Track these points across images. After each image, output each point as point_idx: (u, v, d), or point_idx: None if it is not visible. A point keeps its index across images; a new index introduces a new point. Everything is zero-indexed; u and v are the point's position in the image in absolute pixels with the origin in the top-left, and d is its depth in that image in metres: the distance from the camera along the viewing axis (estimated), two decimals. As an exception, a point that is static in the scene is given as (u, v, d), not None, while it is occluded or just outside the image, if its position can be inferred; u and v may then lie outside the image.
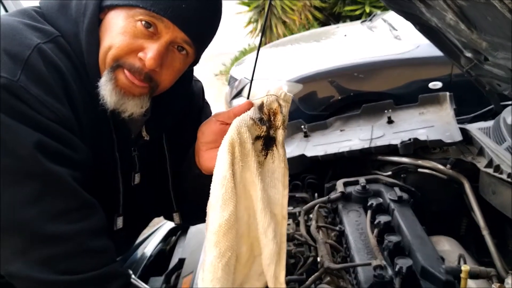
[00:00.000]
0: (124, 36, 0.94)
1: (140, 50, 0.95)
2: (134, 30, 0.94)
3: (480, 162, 1.41)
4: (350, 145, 1.68)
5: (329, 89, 3.66)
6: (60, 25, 0.97)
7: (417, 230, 1.22)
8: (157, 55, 0.94)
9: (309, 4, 7.90)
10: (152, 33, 0.95)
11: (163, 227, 1.50)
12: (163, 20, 0.94)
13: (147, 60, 0.94)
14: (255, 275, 0.98)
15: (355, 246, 1.20)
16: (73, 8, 0.98)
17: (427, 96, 1.98)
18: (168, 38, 0.95)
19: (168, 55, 0.98)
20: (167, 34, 0.95)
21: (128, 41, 0.94)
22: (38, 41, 0.90)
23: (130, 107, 0.99)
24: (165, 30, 0.95)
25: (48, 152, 0.85)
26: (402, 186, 1.46)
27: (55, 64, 0.90)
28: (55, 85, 0.89)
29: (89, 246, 0.89)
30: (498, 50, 1.18)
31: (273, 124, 0.98)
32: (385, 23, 4.33)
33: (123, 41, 0.94)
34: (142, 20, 0.93)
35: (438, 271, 1.05)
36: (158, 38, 0.95)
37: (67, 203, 0.87)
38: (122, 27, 0.94)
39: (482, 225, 1.28)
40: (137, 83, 0.97)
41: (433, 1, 1.15)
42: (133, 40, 0.94)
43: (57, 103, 0.88)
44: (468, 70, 1.56)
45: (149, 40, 0.95)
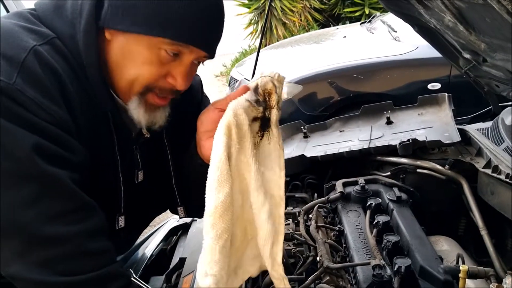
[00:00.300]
0: (151, 66, 0.95)
1: (168, 75, 0.97)
2: (159, 58, 0.95)
3: (478, 162, 1.42)
4: (349, 146, 1.68)
5: (328, 90, 3.67)
6: (56, 26, 0.96)
7: (416, 230, 1.23)
8: (186, 78, 0.98)
9: (309, 6, 7.92)
10: (177, 55, 0.97)
11: (164, 226, 1.50)
12: (188, 47, 0.96)
13: (179, 85, 0.98)
14: (248, 259, 0.98)
15: (354, 246, 1.21)
16: (68, 9, 0.97)
17: (426, 97, 1.99)
18: (191, 59, 0.98)
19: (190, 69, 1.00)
20: (190, 55, 0.97)
21: (156, 71, 0.96)
22: (34, 43, 0.90)
23: (159, 118, 1.03)
24: (188, 54, 0.97)
25: (45, 154, 0.85)
26: (401, 186, 1.47)
27: (51, 66, 0.90)
28: (51, 87, 0.88)
29: (87, 247, 0.89)
30: (496, 52, 1.19)
31: (268, 104, 0.99)
32: (384, 25, 4.34)
33: (151, 72, 0.96)
34: (167, 49, 0.94)
35: (437, 271, 1.06)
36: (182, 60, 0.97)
37: (65, 205, 0.87)
38: (147, 57, 0.95)
39: (481, 225, 1.29)
40: (167, 102, 1.01)
41: (432, 2, 1.16)
42: (160, 69, 0.96)
43: (54, 105, 0.88)
44: (467, 71, 1.57)
45: (173, 62, 0.96)
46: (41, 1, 1.02)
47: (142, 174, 1.13)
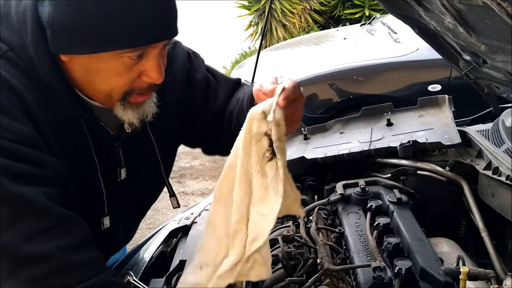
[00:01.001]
0: (120, 76, 0.92)
1: (141, 74, 0.94)
2: (124, 65, 0.91)
3: (479, 164, 1.42)
4: (349, 148, 1.68)
5: (329, 91, 3.68)
6: (6, 37, 0.92)
7: (416, 232, 1.23)
8: (159, 70, 0.95)
9: (309, 7, 7.93)
10: (142, 54, 0.92)
11: (164, 229, 1.50)
12: (148, 46, 0.92)
13: (156, 80, 0.95)
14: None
15: (355, 248, 1.21)
16: (14, 18, 0.92)
17: (426, 99, 1.99)
18: (157, 51, 0.94)
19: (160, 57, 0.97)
20: (155, 49, 0.93)
21: (127, 78, 0.93)
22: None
23: (148, 109, 1.02)
24: (152, 48, 0.93)
25: (13, 175, 0.84)
26: (401, 188, 1.46)
27: (8, 82, 0.87)
28: (10, 105, 0.86)
29: (72, 261, 0.89)
30: (496, 53, 1.19)
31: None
32: (384, 26, 4.34)
33: (122, 81, 0.93)
34: (130, 56, 0.90)
35: (437, 273, 1.06)
36: (149, 55, 0.93)
37: (41, 223, 0.87)
38: (113, 70, 0.91)
39: (481, 227, 1.29)
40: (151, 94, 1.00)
41: (432, 4, 1.16)
42: (130, 74, 0.93)
43: (15, 123, 0.86)
44: (467, 73, 1.57)
45: (142, 61, 0.93)
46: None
47: (125, 172, 1.11)
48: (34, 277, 0.86)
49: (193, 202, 3.87)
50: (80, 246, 0.91)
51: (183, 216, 1.52)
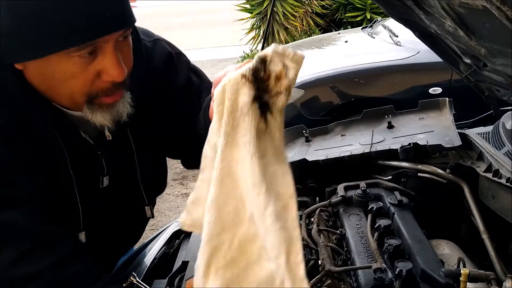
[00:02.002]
0: (76, 78, 0.86)
1: (99, 73, 0.88)
2: (78, 66, 0.85)
3: (479, 166, 1.42)
4: (351, 150, 1.69)
5: (330, 94, 3.68)
6: None
7: (417, 233, 1.24)
8: (118, 66, 0.87)
9: (311, 11, 7.94)
10: (94, 51, 0.86)
11: (166, 230, 1.51)
12: (97, 41, 0.85)
13: (116, 77, 0.88)
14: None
15: (356, 250, 1.22)
16: None
17: (427, 102, 2.00)
18: (112, 45, 0.87)
19: (120, 51, 0.90)
20: (108, 43, 0.86)
21: (83, 79, 0.87)
22: None
23: (122, 109, 0.95)
24: (105, 43, 0.86)
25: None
26: (402, 190, 1.47)
27: None
28: None
29: (63, 276, 0.89)
30: (497, 57, 1.20)
31: (274, 90, 0.77)
32: (385, 30, 4.35)
33: (78, 83, 0.87)
34: (79, 55, 0.84)
35: (438, 274, 1.06)
36: (104, 51, 0.87)
37: (23, 246, 0.86)
38: (67, 72, 0.85)
39: (482, 229, 1.29)
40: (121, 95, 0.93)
41: (432, 8, 1.17)
42: (86, 74, 0.87)
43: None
44: (468, 76, 1.58)
45: (96, 59, 0.87)
46: None
47: (107, 180, 1.07)
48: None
49: (195, 204, 3.87)
50: (68, 261, 0.91)
51: (185, 218, 1.52)
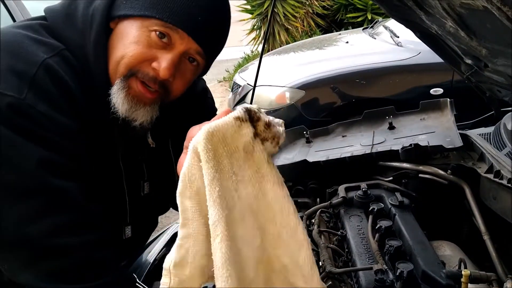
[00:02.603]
0: (138, 45, 0.94)
1: (154, 59, 0.95)
2: (148, 39, 0.94)
3: (480, 167, 1.42)
4: (351, 151, 1.69)
5: (331, 95, 3.68)
6: (66, 36, 0.97)
7: (418, 234, 1.23)
8: (171, 65, 0.95)
9: (312, 11, 7.95)
10: (166, 43, 0.95)
11: (167, 231, 1.50)
12: (178, 31, 0.94)
13: (161, 70, 0.95)
14: None
15: (357, 251, 1.21)
16: (79, 19, 0.97)
17: (428, 102, 1.99)
18: (182, 49, 0.96)
19: (181, 65, 0.98)
20: (181, 45, 0.95)
21: (141, 50, 0.94)
22: (44, 56, 0.90)
23: (141, 115, 1.00)
24: (179, 41, 0.95)
25: (52, 167, 0.87)
26: (403, 191, 1.47)
27: (62, 80, 0.91)
28: (62, 101, 0.90)
29: (94, 257, 0.91)
30: (497, 57, 1.20)
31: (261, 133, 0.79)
32: (386, 30, 4.35)
33: (136, 50, 0.95)
34: (157, 30, 0.94)
35: (439, 276, 1.06)
36: (172, 48, 0.95)
37: (71, 217, 0.89)
38: (136, 37, 0.94)
39: (483, 230, 1.29)
40: (150, 93, 0.98)
41: (433, 9, 1.17)
42: (146, 50, 0.95)
43: (64, 118, 0.89)
44: (469, 76, 1.57)
45: (162, 50, 0.95)
46: (51, 8, 1.02)
47: (148, 186, 1.13)
48: (56, 269, 0.87)
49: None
50: (102, 244, 0.93)
51: (186, 219, 1.52)
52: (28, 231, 0.85)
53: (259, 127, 0.78)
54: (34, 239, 0.86)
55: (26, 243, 0.86)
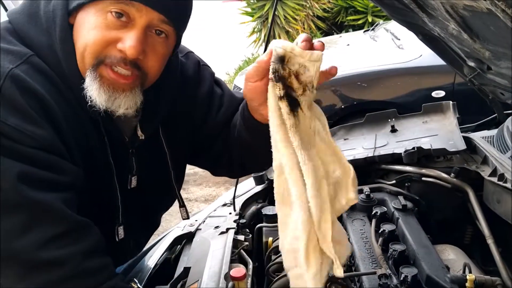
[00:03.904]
0: (97, 30, 0.91)
1: (118, 41, 0.91)
2: (106, 22, 0.90)
3: (484, 170, 1.41)
4: (354, 154, 1.68)
5: (332, 98, 3.68)
6: (32, 37, 0.94)
7: (421, 238, 1.22)
8: (136, 42, 0.90)
9: (312, 14, 7.95)
10: (126, 22, 0.91)
11: (168, 236, 1.50)
12: (134, 4, 0.89)
13: (128, 49, 0.90)
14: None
15: (360, 255, 1.20)
16: (42, 16, 0.94)
17: (430, 105, 1.98)
18: (143, 23, 0.91)
19: (148, 40, 0.94)
20: (141, 18, 0.91)
21: (102, 34, 0.91)
22: (10, 67, 0.87)
23: (123, 102, 0.96)
24: (138, 14, 0.90)
25: (32, 181, 0.85)
26: (406, 194, 1.46)
27: (31, 89, 0.88)
28: (33, 111, 0.87)
29: (85, 266, 0.90)
30: (501, 60, 1.19)
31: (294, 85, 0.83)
32: (387, 33, 4.35)
33: (96, 36, 0.91)
34: (112, 10, 0.90)
35: (443, 280, 1.05)
36: (133, 25, 0.91)
37: (57, 229, 0.87)
38: (93, 23, 0.91)
39: (487, 234, 1.28)
40: (124, 77, 0.94)
41: (436, 11, 1.16)
42: (107, 32, 0.91)
43: (38, 129, 0.87)
44: (471, 79, 1.57)
45: (124, 29, 0.91)
46: (13, 11, 0.98)
47: (135, 180, 1.11)
48: (48, 281, 0.86)
49: (197, 208, 3.86)
50: (93, 252, 0.92)
51: (187, 223, 1.51)
52: (15, 246, 0.84)
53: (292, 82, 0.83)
54: (23, 254, 0.85)
55: (16, 258, 0.85)
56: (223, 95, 1.21)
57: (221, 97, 1.20)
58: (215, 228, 1.42)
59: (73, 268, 0.88)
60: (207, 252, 1.29)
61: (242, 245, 1.33)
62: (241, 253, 1.30)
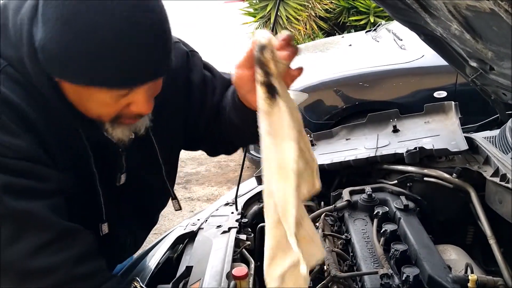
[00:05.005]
0: (108, 106, 0.91)
1: (129, 104, 0.92)
2: (113, 98, 0.89)
3: (486, 171, 1.41)
4: (356, 154, 1.68)
5: (334, 98, 3.68)
6: (4, 51, 0.91)
7: (423, 238, 1.22)
8: (148, 103, 0.93)
9: (314, 14, 7.95)
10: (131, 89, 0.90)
11: (170, 235, 1.50)
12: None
13: (144, 112, 0.94)
14: None
15: (362, 255, 1.21)
16: (11, 30, 0.91)
17: (432, 105, 1.99)
18: (146, 88, 0.91)
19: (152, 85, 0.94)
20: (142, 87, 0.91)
21: (114, 109, 0.91)
22: None
23: (141, 125, 1.00)
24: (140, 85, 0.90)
25: (15, 191, 0.85)
26: (408, 194, 1.46)
27: (7, 99, 0.87)
28: (11, 123, 0.86)
29: (78, 271, 0.90)
30: (503, 60, 1.19)
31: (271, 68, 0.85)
32: (389, 33, 4.35)
33: (110, 111, 0.92)
34: (118, 91, 0.89)
35: (445, 280, 1.05)
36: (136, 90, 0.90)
37: (45, 237, 0.88)
38: (101, 100, 0.89)
39: (489, 234, 1.28)
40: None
41: (438, 11, 1.16)
42: (117, 105, 0.91)
43: (17, 140, 0.86)
44: (473, 79, 1.57)
45: (131, 93, 0.90)
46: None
47: (124, 177, 1.11)
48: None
49: (199, 207, 3.86)
50: (84, 257, 0.92)
51: (190, 222, 1.52)
52: (5, 257, 0.85)
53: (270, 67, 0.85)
54: (13, 264, 0.86)
55: (7, 268, 0.86)
56: (215, 78, 1.22)
57: (212, 80, 1.22)
58: (217, 227, 1.43)
59: (65, 274, 0.89)
60: (209, 251, 1.29)
61: (244, 244, 1.34)
62: (243, 252, 1.30)
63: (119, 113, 0.94)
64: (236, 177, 4.28)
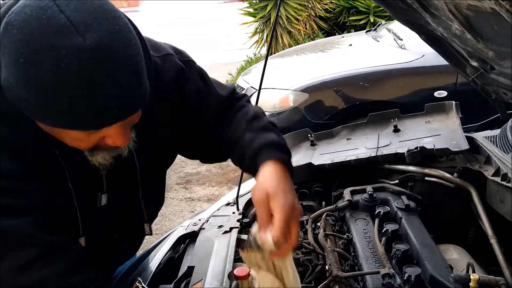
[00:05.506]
0: (81, 141, 0.89)
1: (104, 137, 0.89)
2: (85, 136, 0.87)
3: (487, 170, 1.41)
4: (357, 154, 1.68)
5: (334, 98, 3.68)
6: None
7: (425, 238, 1.22)
8: (123, 137, 0.90)
9: (314, 14, 7.95)
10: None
11: (172, 235, 1.50)
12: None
13: (120, 145, 0.91)
14: None
15: (363, 255, 1.21)
16: None
17: (433, 105, 1.98)
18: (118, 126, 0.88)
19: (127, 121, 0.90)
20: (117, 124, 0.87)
21: (89, 142, 0.89)
22: None
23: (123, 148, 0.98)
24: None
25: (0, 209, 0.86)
26: (409, 194, 1.46)
27: None
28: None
29: (68, 283, 0.90)
30: (504, 59, 1.19)
31: None
32: (389, 33, 4.35)
33: (85, 145, 0.90)
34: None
35: (447, 280, 1.05)
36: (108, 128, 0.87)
37: (31, 254, 0.88)
38: (75, 136, 0.87)
39: (490, 234, 1.28)
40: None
41: (439, 11, 1.16)
42: (91, 140, 0.89)
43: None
44: (474, 79, 1.57)
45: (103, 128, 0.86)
46: None
47: (105, 198, 1.08)
48: None
49: (200, 208, 3.87)
50: (74, 269, 0.92)
51: (191, 222, 1.52)
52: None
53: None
54: (3, 280, 0.86)
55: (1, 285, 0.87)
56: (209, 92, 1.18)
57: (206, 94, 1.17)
58: (218, 228, 1.43)
59: (58, 286, 0.89)
60: (211, 251, 1.29)
61: (246, 244, 1.34)
62: (244, 252, 1.30)
63: (96, 145, 0.91)
64: (236, 177, 4.28)
